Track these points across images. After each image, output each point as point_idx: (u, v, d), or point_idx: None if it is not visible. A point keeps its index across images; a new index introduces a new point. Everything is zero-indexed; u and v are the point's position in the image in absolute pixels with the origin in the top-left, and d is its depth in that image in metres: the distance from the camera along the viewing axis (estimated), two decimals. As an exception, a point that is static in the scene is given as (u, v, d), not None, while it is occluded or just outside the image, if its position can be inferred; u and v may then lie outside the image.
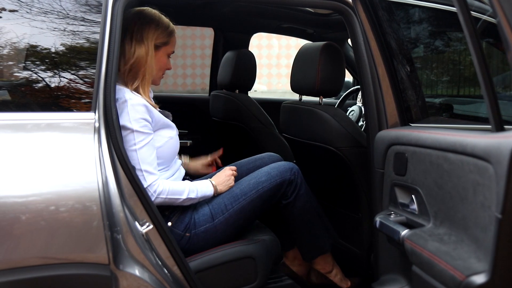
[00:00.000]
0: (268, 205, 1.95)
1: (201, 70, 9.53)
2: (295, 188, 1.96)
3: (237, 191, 1.90)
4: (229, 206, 1.86)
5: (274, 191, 1.91)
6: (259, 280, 1.88)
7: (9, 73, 1.59)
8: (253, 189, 1.89)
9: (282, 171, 1.93)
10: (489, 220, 1.14)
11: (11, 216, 1.31)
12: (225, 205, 1.87)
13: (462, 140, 1.27)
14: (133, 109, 1.69)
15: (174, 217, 1.81)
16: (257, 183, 1.90)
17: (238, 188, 1.91)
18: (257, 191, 1.89)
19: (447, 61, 2.36)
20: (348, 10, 1.86)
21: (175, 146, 1.89)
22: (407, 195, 1.59)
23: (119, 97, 1.69)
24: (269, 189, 1.90)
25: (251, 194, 1.89)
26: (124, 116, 1.68)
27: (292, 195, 1.96)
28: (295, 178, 1.95)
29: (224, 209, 1.86)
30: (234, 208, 1.87)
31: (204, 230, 1.83)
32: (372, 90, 1.81)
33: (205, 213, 1.86)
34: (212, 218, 1.85)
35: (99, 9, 1.57)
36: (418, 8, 2.03)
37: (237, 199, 1.88)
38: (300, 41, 3.53)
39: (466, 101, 2.33)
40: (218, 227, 1.85)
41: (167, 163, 1.87)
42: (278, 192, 1.93)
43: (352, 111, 3.10)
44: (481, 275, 1.15)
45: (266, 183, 1.90)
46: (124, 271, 1.40)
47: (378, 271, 1.84)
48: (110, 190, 1.40)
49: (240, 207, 1.87)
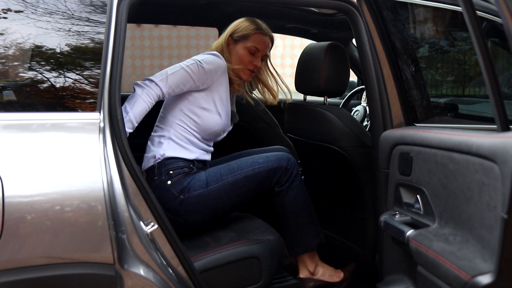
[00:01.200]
0: (261, 188, 2.01)
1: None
2: (290, 177, 2.00)
3: (234, 165, 1.99)
4: (224, 177, 1.95)
5: (269, 173, 1.97)
6: (263, 280, 1.88)
7: (15, 73, 1.60)
8: (249, 167, 1.98)
9: (280, 158, 2.01)
10: (494, 220, 1.14)
11: (17, 216, 1.32)
12: (220, 174, 1.95)
13: (468, 140, 1.27)
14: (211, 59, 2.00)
15: (175, 178, 1.92)
16: (254, 163, 1.99)
17: (236, 163, 2.00)
18: (253, 169, 1.97)
19: (452, 61, 2.36)
20: (353, 9, 1.86)
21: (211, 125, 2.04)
22: (412, 195, 1.58)
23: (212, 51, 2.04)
24: (264, 171, 1.97)
25: (247, 170, 1.97)
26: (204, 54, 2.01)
27: (286, 183, 2.00)
28: (291, 168, 2.01)
29: (219, 178, 1.94)
30: (229, 179, 1.94)
31: (197, 195, 1.91)
32: (376, 90, 1.80)
33: (201, 179, 1.95)
34: (206, 185, 1.93)
35: (104, 10, 1.58)
36: (423, 8, 2.02)
37: (233, 171, 1.96)
38: (304, 41, 3.52)
39: (471, 101, 2.32)
40: (211, 195, 1.92)
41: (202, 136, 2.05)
42: (272, 177, 1.98)
43: (356, 111, 3.09)
44: (486, 276, 1.14)
45: (262, 164, 1.98)
46: (129, 270, 1.40)
47: (383, 271, 1.83)
48: (115, 190, 1.40)
49: (234, 179, 1.95)
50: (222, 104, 2.06)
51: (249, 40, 2.11)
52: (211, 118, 2.03)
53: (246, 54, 2.11)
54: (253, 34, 2.11)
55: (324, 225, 2.44)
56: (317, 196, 2.46)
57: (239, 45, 2.12)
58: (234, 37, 2.12)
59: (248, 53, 2.11)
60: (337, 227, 2.34)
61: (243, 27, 2.12)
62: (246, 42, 2.11)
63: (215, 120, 2.05)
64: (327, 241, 2.42)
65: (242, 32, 2.11)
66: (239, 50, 2.11)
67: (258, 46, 2.13)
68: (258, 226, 2.05)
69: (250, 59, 2.12)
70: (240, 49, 2.11)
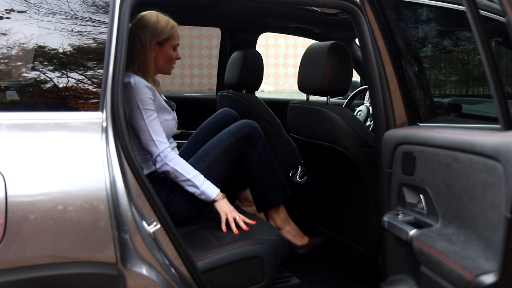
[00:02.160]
0: (235, 159, 2.14)
1: (208, 70, 9.55)
2: (252, 141, 2.15)
3: (202, 152, 2.12)
4: (196, 166, 2.03)
5: (235, 145, 2.11)
6: (266, 280, 1.88)
7: (18, 73, 1.60)
8: (216, 147, 2.11)
9: (241, 127, 2.15)
10: (498, 220, 1.14)
11: (20, 215, 1.32)
12: (193, 165, 2.03)
13: (471, 139, 1.26)
14: (140, 90, 1.95)
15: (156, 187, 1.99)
16: (220, 141, 2.12)
17: (203, 150, 2.13)
18: (220, 147, 2.10)
19: (455, 61, 2.35)
20: (356, 9, 1.86)
21: (170, 127, 2.13)
22: (415, 195, 1.58)
23: (126, 81, 1.92)
24: (231, 144, 2.11)
25: (215, 151, 2.10)
26: (132, 97, 1.93)
27: (249, 147, 2.15)
28: (253, 133, 2.15)
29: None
30: (201, 167, 2.05)
31: (182, 191, 2.00)
32: (379, 90, 1.80)
33: None
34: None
35: (106, 10, 1.58)
36: (426, 7, 2.02)
37: (202, 158, 2.10)
38: (307, 40, 3.53)
39: (474, 101, 2.32)
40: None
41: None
42: (240, 146, 2.13)
43: (359, 111, 3.09)
44: (490, 275, 1.14)
45: (227, 140, 2.11)
46: (131, 270, 1.40)
47: (386, 271, 1.83)
48: (118, 189, 1.40)
49: (206, 165, 2.07)
50: (165, 109, 2.12)
51: (173, 39, 2.12)
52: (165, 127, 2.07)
53: (172, 52, 2.14)
54: (174, 32, 2.12)
55: (327, 224, 2.44)
56: (320, 195, 2.46)
57: (165, 47, 2.11)
58: (159, 41, 2.08)
59: (173, 51, 2.15)
60: (340, 227, 2.33)
61: (162, 28, 2.08)
62: (170, 42, 2.12)
63: (168, 126, 2.11)
64: (330, 240, 2.42)
65: (166, 35, 2.09)
66: (167, 51, 2.12)
67: (179, 41, 2.17)
68: (261, 226, 2.05)
69: (175, 55, 2.16)
70: (168, 50, 2.12)
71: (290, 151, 2.88)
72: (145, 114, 1.95)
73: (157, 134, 1.96)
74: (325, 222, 2.45)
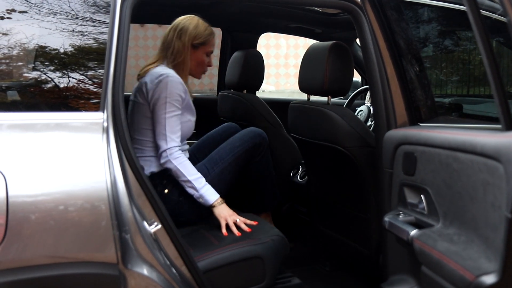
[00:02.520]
0: (244, 165, 2.25)
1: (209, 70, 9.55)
2: (262, 150, 2.27)
3: (215, 157, 2.18)
4: (210, 170, 2.13)
5: (247, 153, 2.21)
6: (267, 280, 1.88)
7: (19, 73, 1.60)
8: (229, 153, 2.19)
9: (252, 136, 2.24)
10: (499, 220, 1.14)
11: (21, 216, 1.32)
12: (207, 169, 2.13)
13: (472, 139, 1.26)
14: (173, 84, 2.02)
15: (170, 185, 2.05)
16: (233, 148, 2.20)
17: (217, 155, 2.19)
18: (233, 154, 2.19)
19: (456, 61, 2.35)
20: (357, 9, 1.86)
21: (190, 129, 2.19)
22: (416, 195, 1.58)
23: (164, 72, 2.04)
24: (243, 152, 2.20)
25: (229, 157, 2.18)
26: (163, 87, 2.00)
27: (258, 156, 2.26)
28: (263, 142, 2.27)
29: (206, 172, 2.11)
30: (215, 171, 2.14)
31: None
32: (380, 90, 1.80)
33: None
34: None
35: (107, 10, 1.58)
36: (427, 7, 2.02)
37: (216, 163, 2.16)
38: (308, 40, 3.53)
39: (475, 101, 2.32)
40: None
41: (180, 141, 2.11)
42: (250, 154, 2.23)
43: (360, 111, 3.08)
44: (491, 275, 1.14)
45: (240, 147, 2.20)
46: (132, 270, 1.40)
47: (387, 271, 1.83)
48: (119, 189, 1.40)
49: (220, 170, 2.15)
50: (191, 109, 2.19)
51: (208, 45, 2.21)
52: (186, 127, 2.14)
53: (205, 58, 2.22)
54: (211, 39, 2.21)
55: (327, 225, 2.44)
56: (321, 196, 2.46)
57: (199, 51, 2.19)
58: (194, 43, 2.17)
59: (206, 56, 2.23)
60: (340, 227, 2.33)
61: (201, 33, 2.17)
62: (205, 48, 2.20)
63: (189, 127, 2.17)
64: (331, 241, 2.42)
65: (202, 39, 2.18)
66: (200, 56, 2.20)
67: (213, 49, 2.26)
68: (262, 227, 2.05)
69: (207, 61, 2.24)
70: (201, 54, 2.20)
71: (291, 151, 2.88)
72: (168, 108, 2.00)
73: (171, 131, 2.00)
74: (325, 222, 2.45)
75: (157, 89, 2.01)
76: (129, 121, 2.12)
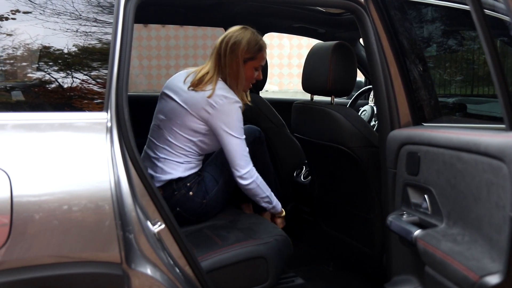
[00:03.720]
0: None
1: (212, 71, 9.54)
2: (261, 144, 2.36)
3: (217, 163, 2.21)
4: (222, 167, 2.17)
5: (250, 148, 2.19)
6: (270, 280, 1.88)
7: (23, 74, 1.61)
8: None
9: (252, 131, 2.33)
10: (503, 220, 1.13)
11: (25, 215, 1.32)
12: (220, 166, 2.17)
13: (476, 139, 1.26)
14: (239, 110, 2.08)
15: (194, 188, 2.09)
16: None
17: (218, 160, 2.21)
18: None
19: (460, 60, 2.34)
20: (360, 9, 1.85)
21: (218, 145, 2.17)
22: (419, 195, 1.58)
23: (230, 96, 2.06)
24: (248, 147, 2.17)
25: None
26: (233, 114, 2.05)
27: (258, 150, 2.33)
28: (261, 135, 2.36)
29: (221, 169, 2.17)
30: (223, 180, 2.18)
31: (215, 192, 2.14)
32: (384, 90, 1.80)
33: (210, 179, 2.16)
34: (216, 181, 2.16)
35: (111, 10, 1.58)
36: (430, 7, 2.01)
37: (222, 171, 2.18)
38: (311, 40, 3.52)
39: (479, 101, 2.31)
40: (224, 186, 2.17)
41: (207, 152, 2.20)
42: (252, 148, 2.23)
43: (364, 111, 3.08)
44: (495, 276, 1.13)
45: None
46: (136, 270, 1.40)
47: (391, 271, 1.83)
48: (122, 189, 1.41)
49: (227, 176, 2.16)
50: None
51: (257, 60, 2.17)
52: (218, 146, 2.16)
53: (253, 72, 2.19)
54: (260, 54, 2.17)
55: (331, 225, 2.43)
56: (324, 196, 2.46)
57: (247, 65, 2.15)
58: (244, 59, 2.14)
59: (255, 71, 2.19)
60: (344, 227, 2.33)
61: (251, 48, 2.13)
62: (253, 63, 2.16)
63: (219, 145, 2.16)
64: (334, 241, 2.42)
65: (251, 54, 2.14)
66: (247, 70, 2.16)
67: (262, 63, 2.21)
68: (265, 227, 2.05)
69: (255, 76, 2.21)
70: (249, 69, 2.16)
71: (294, 151, 2.88)
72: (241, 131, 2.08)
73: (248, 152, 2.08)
74: (329, 222, 2.45)
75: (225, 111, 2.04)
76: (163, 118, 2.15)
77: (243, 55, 2.12)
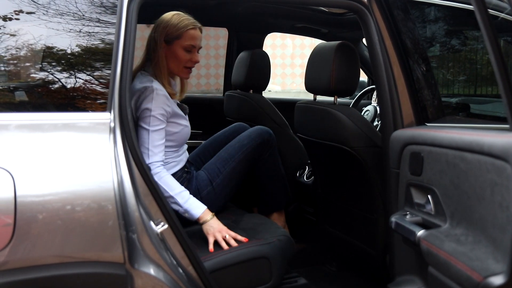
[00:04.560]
0: (253, 163, 2.26)
1: (215, 70, 9.56)
2: (270, 147, 2.28)
3: (225, 156, 2.19)
4: (222, 169, 2.15)
5: (255, 150, 2.22)
6: (273, 280, 1.88)
7: (27, 74, 1.61)
8: (238, 151, 2.20)
9: (260, 133, 2.26)
10: (507, 221, 1.13)
11: (29, 215, 1.33)
12: (218, 168, 2.15)
13: (479, 140, 1.26)
14: (158, 98, 1.93)
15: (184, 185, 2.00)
16: (241, 146, 2.21)
17: (226, 153, 2.20)
18: (242, 152, 2.19)
19: (463, 60, 2.34)
20: (363, 9, 1.85)
21: (188, 133, 2.14)
22: (423, 195, 1.57)
23: (147, 85, 1.94)
24: (252, 149, 2.21)
25: (238, 155, 2.19)
26: (148, 101, 1.91)
27: (267, 153, 2.27)
28: (271, 139, 2.28)
29: (218, 172, 2.14)
30: (227, 170, 2.15)
31: (206, 193, 2.10)
32: (387, 90, 1.79)
33: (204, 178, 2.13)
34: (210, 182, 2.13)
35: (114, 10, 1.58)
36: (434, 7, 2.01)
37: (227, 162, 2.17)
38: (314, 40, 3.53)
39: (483, 100, 2.31)
40: (217, 189, 2.13)
41: (179, 146, 2.13)
42: (259, 151, 2.24)
43: (367, 111, 3.08)
44: (499, 276, 1.13)
45: (248, 144, 2.21)
46: (139, 270, 1.41)
47: (394, 272, 1.82)
48: (125, 189, 1.41)
49: (231, 168, 2.16)
50: (180, 116, 2.09)
51: (183, 39, 2.04)
52: (182, 134, 2.09)
53: (182, 53, 2.05)
54: (185, 31, 2.04)
55: (334, 225, 2.43)
56: (327, 196, 2.46)
57: (174, 46, 2.04)
58: (167, 39, 2.04)
59: (185, 52, 2.06)
60: (347, 227, 2.33)
61: (172, 26, 2.03)
62: (180, 41, 2.04)
63: (185, 133, 2.12)
64: (337, 241, 2.42)
65: (175, 33, 2.03)
66: (176, 51, 2.04)
67: (193, 43, 2.07)
68: (268, 227, 2.05)
69: (188, 57, 2.07)
70: (177, 49, 2.04)
71: (297, 151, 2.88)
72: (152, 122, 1.91)
73: (154, 145, 1.91)
74: (332, 223, 2.45)
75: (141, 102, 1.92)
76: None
77: (165, 35, 2.02)
